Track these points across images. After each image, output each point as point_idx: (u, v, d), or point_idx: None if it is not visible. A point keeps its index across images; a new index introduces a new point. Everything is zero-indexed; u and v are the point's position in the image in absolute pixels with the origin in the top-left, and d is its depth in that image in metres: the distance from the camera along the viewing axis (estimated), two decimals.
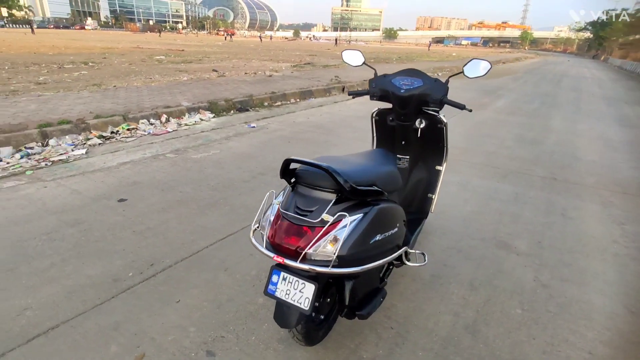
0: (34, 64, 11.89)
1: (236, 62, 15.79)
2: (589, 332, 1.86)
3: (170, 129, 5.30)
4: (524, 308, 2.00)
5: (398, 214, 1.61)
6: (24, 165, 3.80)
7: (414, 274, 2.25)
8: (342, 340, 1.74)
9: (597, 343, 1.79)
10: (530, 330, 1.85)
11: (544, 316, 1.95)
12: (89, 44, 24.08)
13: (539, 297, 2.09)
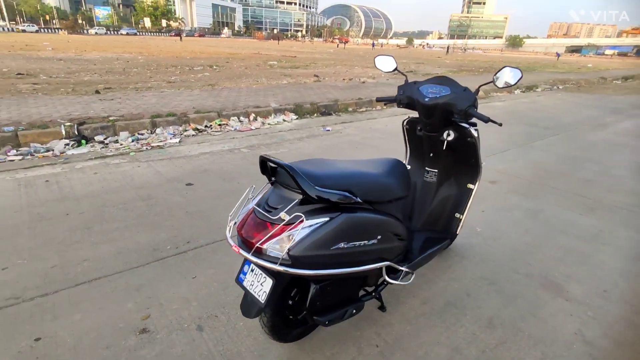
0: (172, 66, 14.15)
1: (339, 69, 16.30)
2: None
3: (254, 127, 5.80)
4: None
5: (384, 226, 1.53)
6: (131, 147, 4.62)
7: (427, 297, 2.08)
8: (320, 346, 1.73)
9: None
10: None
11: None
12: (220, 50, 27.57)
13: (573, 354, 1.74)
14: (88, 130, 4.93)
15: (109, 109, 5.87)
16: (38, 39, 32.52)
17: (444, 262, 2.42)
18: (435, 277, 2.27)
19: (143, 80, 10.11)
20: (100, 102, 6.45)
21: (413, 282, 2.16)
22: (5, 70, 10.71)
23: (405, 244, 1.78)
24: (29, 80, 9.04)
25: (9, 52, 17.23)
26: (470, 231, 2.81)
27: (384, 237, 1.54)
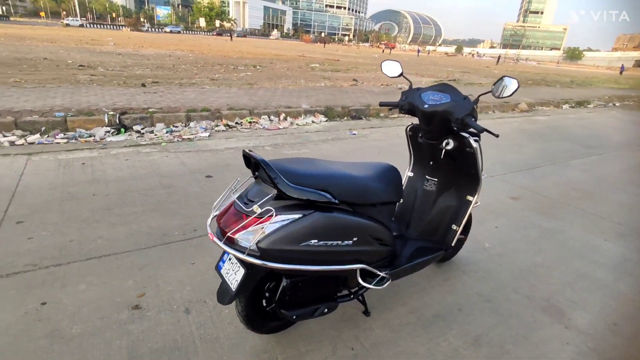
0: (218, 64, 14.75)
1: (380, 74, 16.19)
2: None
3: (282, 127, 5.93)
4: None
5: (362, 228, 1.54)
6: (164, 138, 4.90)
7: (415, 307, 2.04)
8: (296, 341, 1.76)
9: None
10: None
11: None
12: (266, 51, 28.34)
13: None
14: (128, 120, 5.29)
15: (151, 102, 6.25)
16: (103, 34, 35.20)
17: (442, 274, 2.37)
18: (429, 287, 2.22)
19: (188, 76, 10.63)
20: (144, 94, 6.89)
21: (404, 290, 2.15)
22: (70, 62, 11.68)
23: (389, 250, 1.77)
24: (88, 72, 9.82)
25: (76, 45, 18.79)
26: (477, 246, 2.72)
27: (361, 240, 1.55)
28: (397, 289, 2.19)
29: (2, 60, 10.76)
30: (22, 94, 6.04)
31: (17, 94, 6.01)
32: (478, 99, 1.88)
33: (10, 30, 27.59)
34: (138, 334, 1.72)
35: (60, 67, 10.52)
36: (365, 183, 1.59)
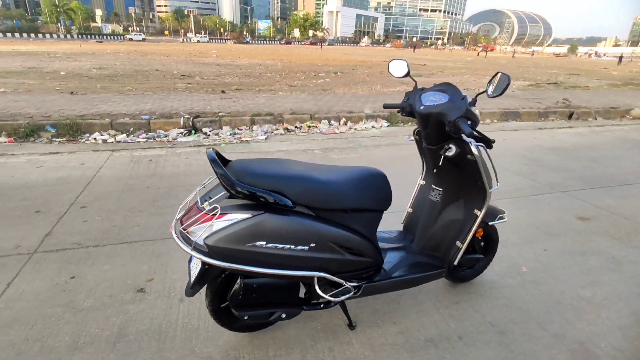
0: (302, 72, 15.41)
1: (467, 78, 15.14)
2: None
3: (339, 131, 5.94)
4: None
5: (322, 235, 1.46)
6: (225, 140, 5.30)
7: (408, 328, 1.85)
8: (268, 344, 1.74)
9: None
10: None
11: None
12: (353, 57, 28.70)
13: None
14: (200, 123, 5.84)
15: (223, 106, 6.81)
16: (210, 47, 39.51)
17: (454, 295, 2.11)
18: (433, 308, 2.00)
19: (269, 83, 11.32)
20: (221, 100, 7.54)
21: (403, 308, 1.98)
22: (175, 73, 13.34)
23: (369, 261, 1.64)
24: (186, 81, 11.10)
25: (185, 58, 21.40)
26: (511, 269, 2.36)
27: (320, 247, 1.47)
28: (397, 305, 2.02)
29: (125, 72, 12.74)
30: (123, 100, 7.10)
31: (120, 100, 7.10)
32: (475, 99, 1.65)
33: (139, 47, 32.66)
34: (132, 315, 1.89)
35: (166, 77, 12.07)
36: (332, 187, 1.50)
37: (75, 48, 27.82)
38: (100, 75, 11.69)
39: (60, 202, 3.14)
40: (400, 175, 2.76)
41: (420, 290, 2.14)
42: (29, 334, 1.75)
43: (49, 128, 5.27)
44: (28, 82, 9.39)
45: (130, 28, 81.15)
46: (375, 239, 1.73)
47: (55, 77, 10.76)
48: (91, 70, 12.92)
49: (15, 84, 9.03)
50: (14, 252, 2.39)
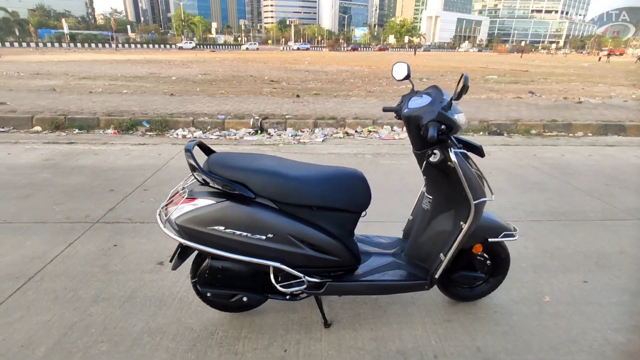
0: (385, 78, 15.36)
1: (574, 86, 13.35)
2: None
3: (398, 137, 5.81)
4: None
5: (280, 227, 1.53)
6: (284, 141, 5.61)
7: (382, 337, 1.80)
8: (244, 325, 1.86)
9: None
10: None
11: None
12: (445, 64, 27.47)
13: None
14: (267, 124, 6.28)
15: (292, 110, 7.19)
16: (305, 55, 41.58)
17: (449, 313, 1.97)
18: (418, 322, 1.90)
19: (349, 88, 11.53)
20: (292, 104, 7.96)
21: (387, 316, 1.93)
22: (266, 78, 14.43)
23: (336, 260, 1.66)
24: (273, 86, 11.93)
25: (279, 65, 22.91)
26: (531, 296, 2.10)
27: (278, 238, 1.54)
28: (382, 312, 1.97)
29: (224, 78, 14.20)
30: (210, 102, 7.98)
31: (207, 102, 7.98)
32: (450, 102, 1.54)
33: (243, 55, 35.93)
34: (146, 282, 2.19)
35: (256, 82, 13.13)
36: (296, 183, 1.56)
37: (191, 56, 31.87)
38: (203, 80, 13.23)
39: (131, 184, 3.72)
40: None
41: (414, 302, 2.05)
42: (68, 284, 2.15)
43: (145, 123, 6.21)
44: (145, 85, 11.12)
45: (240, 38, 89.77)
46: (350, 239, 1.73)
47: (167, 81, 12.51)
48: (197, 76, 14.66)
49: (135, 86, 10.78)
50: (82, 220, 2.94)
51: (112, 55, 31.71)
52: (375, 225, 2.78)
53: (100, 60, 23.88)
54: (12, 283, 2.15)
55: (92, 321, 1.87)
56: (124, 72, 15.12)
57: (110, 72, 15.21)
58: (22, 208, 3.14)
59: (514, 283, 2.22)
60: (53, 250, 2.50)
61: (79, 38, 58.71)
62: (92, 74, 14.01)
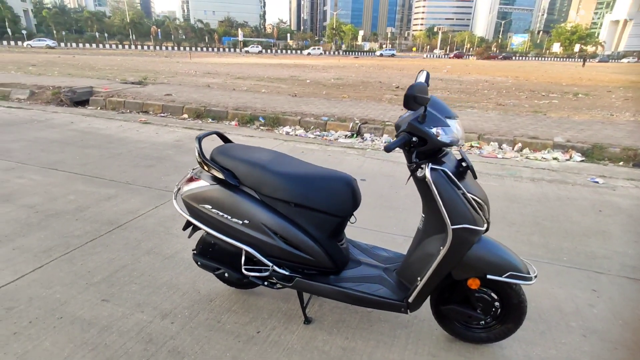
0: (530, 91, 13.66)
1: None
2: None
3: (502, 156, 5.15)
4: None
5: (256, 216, 1.65)
6: (373, 146, 5.61)
7: (352, 348, 1.74)
8: (237, 301, 2.05)
9: None
10: None
11: None
12: (624, 77, 22.56)
13: None
14: (365, 128, 6.38)
15: (396, 117, 7.07)
16: (447, 63, 39.62)
17: (438, 349, 1.77)
18: (400, 346, 1.78)
19: (477, 100, 10.68)
20: (400, 111, 7.81)
21: (374, 329, 1.87)
22: (393, 85, 14.46)
23: (308, 258, 1.70)
24: (396, 93, 11.90)
25: (415, 72, 22.55)
26: None
27: (253, 225, 1.67)
28: (367, 326, 1.91)
29: (353, 83, 14.84)
30: (323, 104, 8.49)
31: (321, 104, 8.52)
32: (425, 113, 1.38)
33: (382, 62, 36.46)
34: (187, 247, 2.58)
35: (382, 88, 13.30)
36: (277, 179, 1.66)
37: (334, 62, 34.02)
38: (333, 84, 14.08)
39: None
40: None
41: (407, 325, 1.91)
42: (138, 236, 2.73)
43: (261, 119, 7.06)
44: (281, 86, 12.49)
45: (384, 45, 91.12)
46: (330, 242, 1.75)
47: (301, 84, 13.75)
48: (330, 80, 15.67)
49: (273, 87, 12.23)
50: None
51: (270, 59, 36.31)
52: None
53: (259, 63, 27.62)
54: (107, 227, 2.85)
55: (138, 267, 2.36)
56: (271, 74, 17.22)
57: (260, 73, 17.52)
58: (143, 174, 4.03)
59: (546, 340, 1.84)
60: (143, 209, 3.18)
61: (249, 44, 69.05)
62: (245, 75, 16.40)
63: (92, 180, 3.78)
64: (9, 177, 3.80)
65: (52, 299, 2.04)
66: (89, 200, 3.30)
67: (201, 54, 45.90)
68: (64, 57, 24.67)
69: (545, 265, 2.48)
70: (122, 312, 1.96)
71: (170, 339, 1.79)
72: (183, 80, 12.89)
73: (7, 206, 3.14)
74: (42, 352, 1.69)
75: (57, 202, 3.24)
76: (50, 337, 1.78)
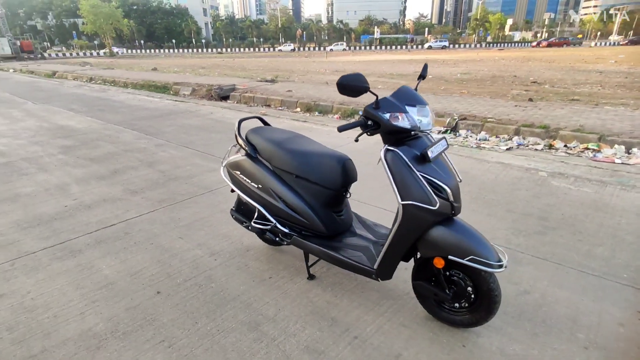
0: None
1: None
2: None
3: (621, 161, 4.31)
4: None
5: (265, 181, 2.10)
6: (464, 143, 5.37)
7: (338, 319, 2.02)
8: (262, 254, 2.54)
9: None
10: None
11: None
12: None
13: None
14: (463, 125, 6.11)
15: (505, 113, 6.48)
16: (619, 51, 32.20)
17: (413, 323, 1.90)
18: (372, 309, 1.97)
19: (636, 96, 8.80)
20: (514, 107, 7.07)
21: (372, 304, 2.11)
22: (530, 80, 12.90)
23: (303, 221, 2.06)
24: (529, 88, 10.67)
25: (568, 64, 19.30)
26: None
27: (264, 190, 2.11)
28: (361, 292, 2.15)
29: (481, 77, 13.79)
30: (429, 99, 8.30)
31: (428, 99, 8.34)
32: (377, 101, 1.55)
33: (530, 54, 31.98)
34: None
35: (514, 83, 12.03)
36: (286, 154, 2.06)
37: (470, 55, 31.53)
38: (458, 79, 13.36)
39: None
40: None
41: (395, 299, 2.08)
42: (222, 200, 3.49)
43: (360, 113, 7.44)
44: (400, 82, 12.52)
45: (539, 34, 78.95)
46: (325, 211, 2.06)
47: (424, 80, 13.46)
48: (455, 75, 14.87)
49: (393, 83, 12.30)
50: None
51: (403, 55, 35.76)
52: None
53: (389, 59, 27.69)
54: (202, 190, 3.71)
55: (211, 219, 3.08)
56: (397, 71, 17.24)
57: (386, 70, 17.70)
58: None
59: (534, 341, 1.77)
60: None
61: (385, 41, 69.38)
62: (370, 72, 16.71)
63: (206, 157, 4.83)
64: (157, 150, 5.17)
65: (152, 232, 2.91)
66: (198, 171, 4.29)
67: (337, 53, 48.41)
68: (227, 61, 29.52)
69: (592, 279, 2.23)
70: (188, 247, 2.67)
71: (209, 270, 2.40)
72: (310, 78, 14.12)
73: (149, 170, 4.35)
74: (134, 262, 2.51)
75: (178, 170, 4.32)
76: (142, 254, 2.60)
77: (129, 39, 68.16)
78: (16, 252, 2.64)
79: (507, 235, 2.77)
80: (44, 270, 2.41)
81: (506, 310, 1.95)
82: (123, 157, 4.91)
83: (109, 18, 49.10)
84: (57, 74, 18.64)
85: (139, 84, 13.29)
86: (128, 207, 3.36)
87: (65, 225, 3.03)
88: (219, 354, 1.74)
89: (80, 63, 26.18)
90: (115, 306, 2.07)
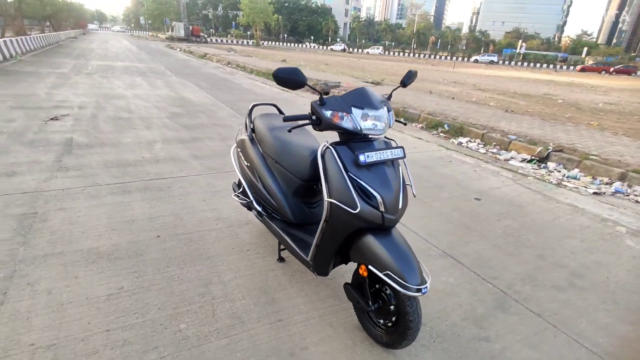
0: None
1: None
2: None
3: None
4: None
5: (254, 162, 2.28)
6: (544, 177, 4.67)
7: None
8: (261, 232, 2.76)
9: None
10: None
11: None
12: None
13: None
14: (556, 157, 5.30)
15: (619, 152, 5.36)
16: None
17: None
18: (303, 314, 2.01)
19: None
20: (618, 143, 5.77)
21: (316, 285, 2.20)
22: None
23: (273, 204, 2.21)
24: None
25: None
26: None
27: (250, 169, 2.34)
28: (322, 279, 2.20)
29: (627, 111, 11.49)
30: (532, 123, 7.33)
31: (528, 123, 7.38)
32: (322, 98, 1.58)
33: None
34: None
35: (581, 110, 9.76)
36: (271, 140, 2.22)
37: (637, 85, 26.14)
38: (596, 108, 11.18)
39: None
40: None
41: (351, 316, 2.07)
42: None
43: (446, 126, 7.03)
44: (518, 103, 11.26)
45: None
46: (294, 199, 2.17)
47: (549, 103, 11.44)
48: (596, 104, 12.53)
49: (508, 101, 11.17)
50: None
51: (545, 75, 31.18)
52: None
53: (525, 77, 24.84)
54: None
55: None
56: (524, 90, 15.43)
57: (509, 87, 16.03)
58: None
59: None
60: None
61: (529, 57, 62.00)
62: (490, 88, 15.37)
63: None
64: (238, 128, 5.83)
65: (187, 190, 3.40)
66: None
67: (467, 65, 45.28)
68: (352, 60, 30.39)
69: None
70: (204, 208, 3.07)
71: (207, 231, 2.74)
72: (421, 86, 13.68)
73: (219, 143, 4.97)
74: (158, 209, 3.00)
75: None
76: (167, 205, 3.08)
77: (275, 32, 75.80)
78: (91, 181, 3.41)
79: (513, 278, 2.43)
80: (98, 199, 3.08)
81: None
82: (209, 129, 5.69)
83: (261, 12, 55.19)
84: (207, 55, 21.96)
85: (262, 72, 14.78)
86: (184, 168, 3.95)
87: (133, 171, 3.75)
88: (165, 295, 2.03)
89: (227, 49, 30.26)
90: (124, 237, 2.55)
